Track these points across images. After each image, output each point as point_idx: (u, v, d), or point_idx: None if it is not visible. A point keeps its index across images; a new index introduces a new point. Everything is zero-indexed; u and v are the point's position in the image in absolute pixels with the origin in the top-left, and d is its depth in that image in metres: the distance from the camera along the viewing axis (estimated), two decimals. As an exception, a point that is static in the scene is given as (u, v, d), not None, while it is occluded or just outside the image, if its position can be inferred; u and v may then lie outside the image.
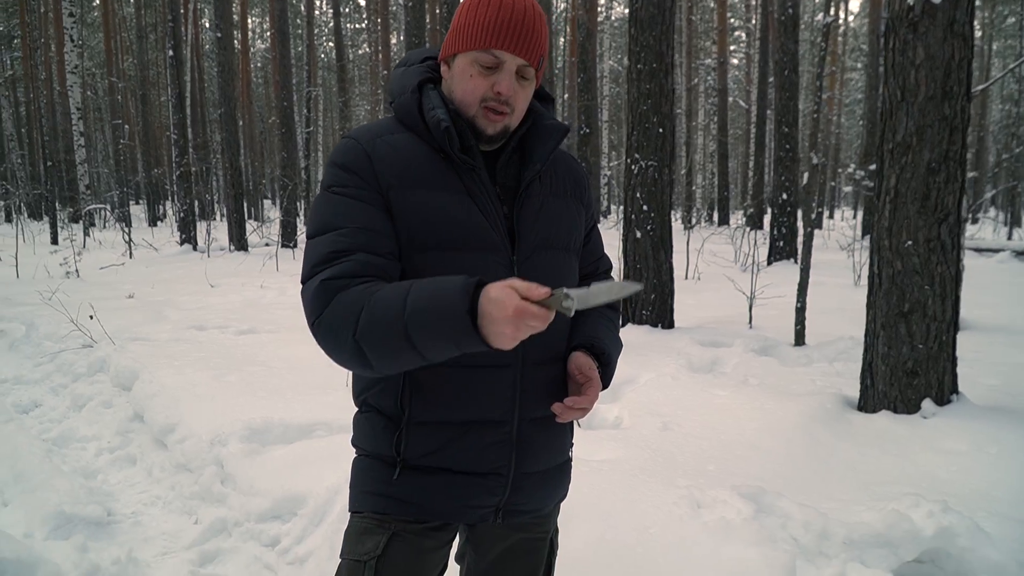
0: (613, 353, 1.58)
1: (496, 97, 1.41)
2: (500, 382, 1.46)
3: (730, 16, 37.02)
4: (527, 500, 1.57)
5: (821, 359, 5.72)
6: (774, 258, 12.34)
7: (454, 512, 1.51)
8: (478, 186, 1.44)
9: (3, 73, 34.26)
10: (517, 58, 1.41)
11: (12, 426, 4.58)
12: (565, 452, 1.66)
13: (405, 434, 1.47)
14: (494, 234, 1.43)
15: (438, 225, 1.40)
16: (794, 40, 12.31)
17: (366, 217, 1.38)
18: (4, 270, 12.02)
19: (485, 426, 1.48)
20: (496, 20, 1.38)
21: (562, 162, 1.63)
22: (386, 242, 1.39)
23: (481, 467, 1.49)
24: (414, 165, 1.42)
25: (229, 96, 16.58)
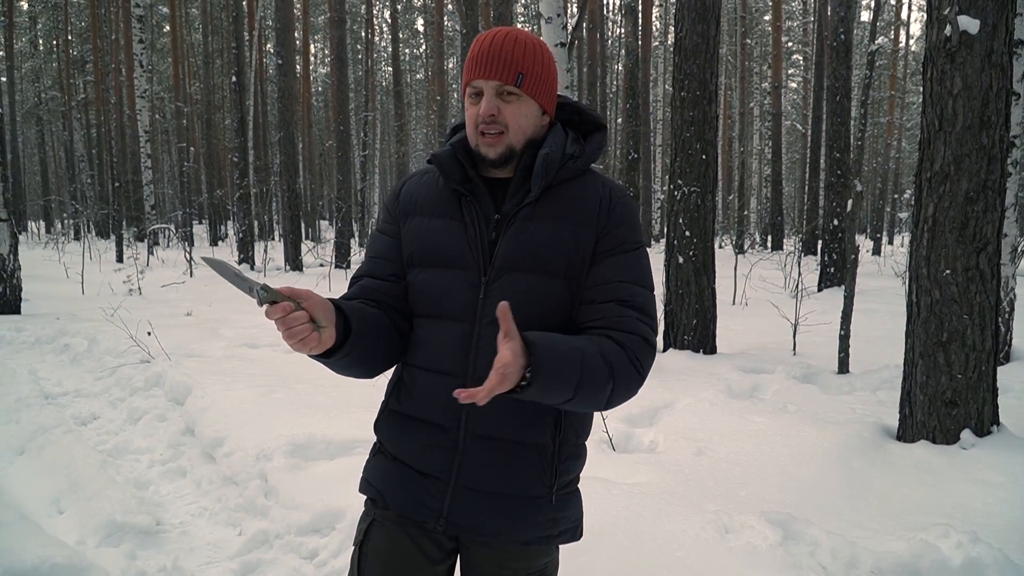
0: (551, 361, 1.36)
1: (483, 119, 1.55)
2: (447, 389, 1.42)
3: (787, 40, 36.76)
4: (472, 517, 1.58)
5: (864, 387, 5.66)
6: (825, 284, 12.19)
7: (400, 502, 1.62)
8: (472, 213, 1.59)
9: (76, 97, 35.70)
10: (490, 81, 1.55)
11: (70, 437, 4.78)
12: (531, 485, 1.58)
13: (382, 419, 1.69)
14: (470, 256, 1.57)
15: (424, 246, 1.62)
16: (846, 66, 12.22)
17: (379, 247, 1.71)
18: (71, 287, 12.50)
19: (431, 428, 1.59)
20: (472, 56, 1.57)
21: (580, 188, 1.61)
22: (387, 266, 1.68)
23: (424, 466, 1.60)
24: (424, 196, 1.67)
25: (288, 120, 17.06)
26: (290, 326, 1.34)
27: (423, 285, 1.62)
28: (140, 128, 22.66)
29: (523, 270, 1.55)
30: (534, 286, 1.55)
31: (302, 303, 1.37)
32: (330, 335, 1.41)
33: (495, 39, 1.56)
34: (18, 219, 33.39)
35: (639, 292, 1.56)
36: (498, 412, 1.52)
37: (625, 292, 1.54)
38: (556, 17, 6.58)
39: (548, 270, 1.55)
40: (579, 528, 1.72)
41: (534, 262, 1.55)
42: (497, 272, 1.56)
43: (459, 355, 1.55)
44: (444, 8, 29.91)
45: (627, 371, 1.48)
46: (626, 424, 4.70)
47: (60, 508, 3.91)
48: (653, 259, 10.47)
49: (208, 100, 31.26)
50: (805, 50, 34.50)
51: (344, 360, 1.51)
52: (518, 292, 1.53)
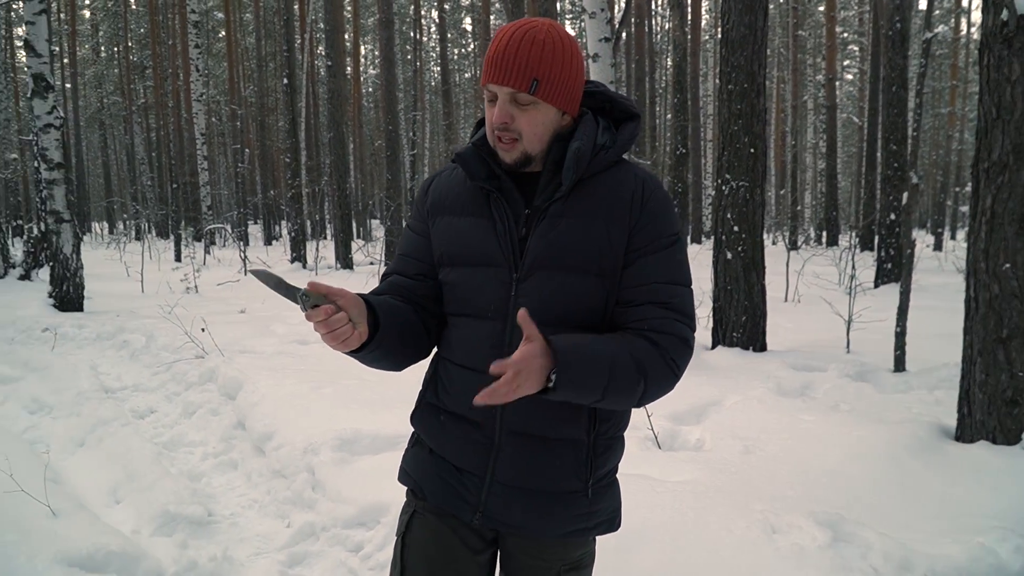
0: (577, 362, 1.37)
1: (496, 126, 1.52)
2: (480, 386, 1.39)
3: (842, 31, 35.99)
4: (508, 513, 1.58)
5: (921, 386, 5.52)
6: (881, 281, 11.91)
7: (438, 495, 1.63)
8: (500, 210, 1.57)
9: (136, 101, 36.66)
10: (503, 87, 1.49)
11: (128, 430, 4.92)
12: (567, 480, 1.58)
13: (417, 411, 1.70)
14: (500, 253, 1.55)
15: (455, 245, 1.61)
16: (903, 55, 11.90)
17: (408, 244, 1.71)
18: (131, 285, 12.83)
19: (468, 424, 1.59)
20: (488, 56, 1.51)
21: (611, 181, 1.56)
22: (416, 265, 1.68)
23: (461, 462, 1.61)
24: (451, 194, 1.66)
25: (338, 121, 17.28)
26: (332, 328, 1.39)
27: (455, 284, 1.61)
28: (197, 131, 23.21)
29: (554, 267, 1.52)
30: (565, 284, 1.52)
31: (339, 302, 1.41)
32: (363, 331, 1.46)
33: (511, 40, 1.47)
34: (82, 220, 34.49)
35: (677, 291, 1.53)
36: (532, 409, 1.52)
37: (664, 293, 1.52)
38: (600, 12, 6.54)
39: (579, 267, 1.52)
40: (616, 519, 1.70)
41: (565, 259, 1.52)
42: (528, 270, 1.53)
43: (492, 353, 1.47)
44: (491, 7, 29.96)
45: (660, 371, 1.47)
46: (672, 422, 4.66)
47: (117, 498, 4.03)
48: (703, 255, 10.40)
49: (262, 102, 31.85)
50: (861, 40, 33.76)
51: (373, 354, 1.53)
52: (549, 290, 1.52)
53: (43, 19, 9.39)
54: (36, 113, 9.43)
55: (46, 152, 9.43)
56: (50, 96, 9.45)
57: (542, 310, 1.46)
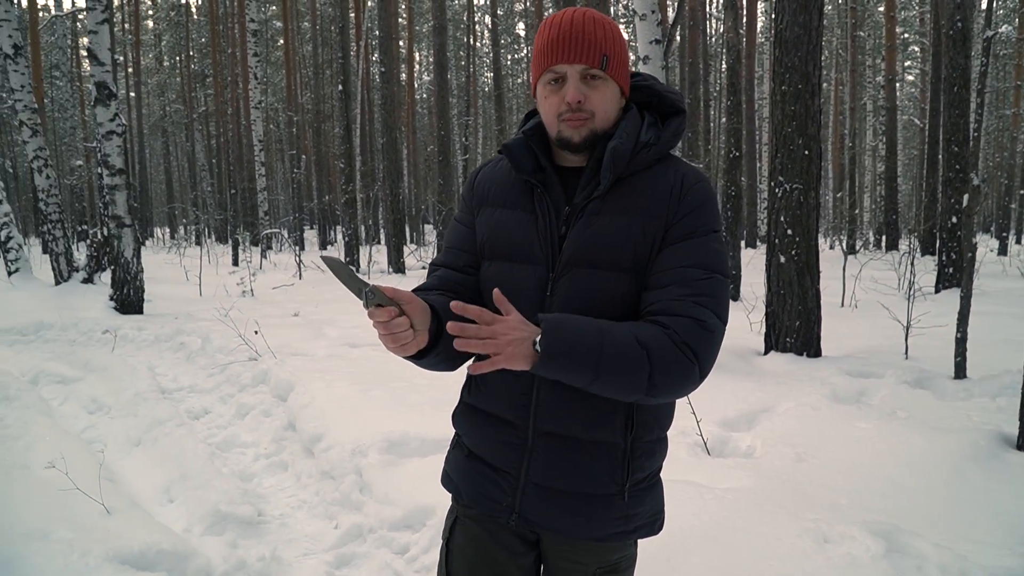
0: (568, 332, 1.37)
1: (567, 107, 1.50)
2: (515, 385, 1.57)
3: (903, 31, 35.17)
4: (543, 514, 1.57)
5: (982, 394, 5.34)
6: (943, 285, 11.58)
7: (474, 496, 1.64)
8: (543, 205, 1.57)
9: (197, 109, 37.59)
10: (575, 65, 1.49)
11: (183, 430, 5.02)
12: (602, 483, 1.56)
13: (458, 414, 1.72)
14: (539, 250, 1.55)
15: (496, 239, 1.62)
16: (964, 55, 11.56)
17: (456, 237, 1.71)
18: (189, 288, 13.14)
19: (501, 423, 1.61)
20: (548, 40, 1.51)
21: (652, 177, 1.54)
22: (464, 257, 1.69)
23: (497, 461, 1.61)
24: (497, 186, 1.66)
25: (391, 127, 17.46)
26: (392, 331, 1.40)
27: (492, 279, 1.60)
28: (255, 137, 23.67)
29: (588, 265, 1.52)
30: (599, 281, 1.51)
31: (404, 307, 1.42)
32: (423, 338, 1.47)
33: (574, 20, 1.49)
34: (144, 225, 35.51)
35: (702, 275, 1.47)
36: (566, 410, 1.53)
37: (687, 276, 1.47)
38: (651, 14, 6.49)
39: (613, 265, 1.51)
40: (657, 522, 1.67)
41: (599, 257, 1.51)
42: (563, 267, 1.53)
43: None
44: (543, 12, 29.99)
45: (670, 355, 1.40)
46: (722, 428, 4.58)
47: (170, 497, 4.11)
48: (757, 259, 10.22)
49: (318, 109, 32.34)
50: (923, 40, 32.94)
51: (432, 360, 1.55)
52: (582, 287, 1.52)
53: (105, 28, 9.68)
54: (99, 120, 9.71)
55: (108, 158, 9.71)
56: (112, 104, 9.73)
57: (575, 307, 1.50)
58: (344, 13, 19.22)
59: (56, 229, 11.95)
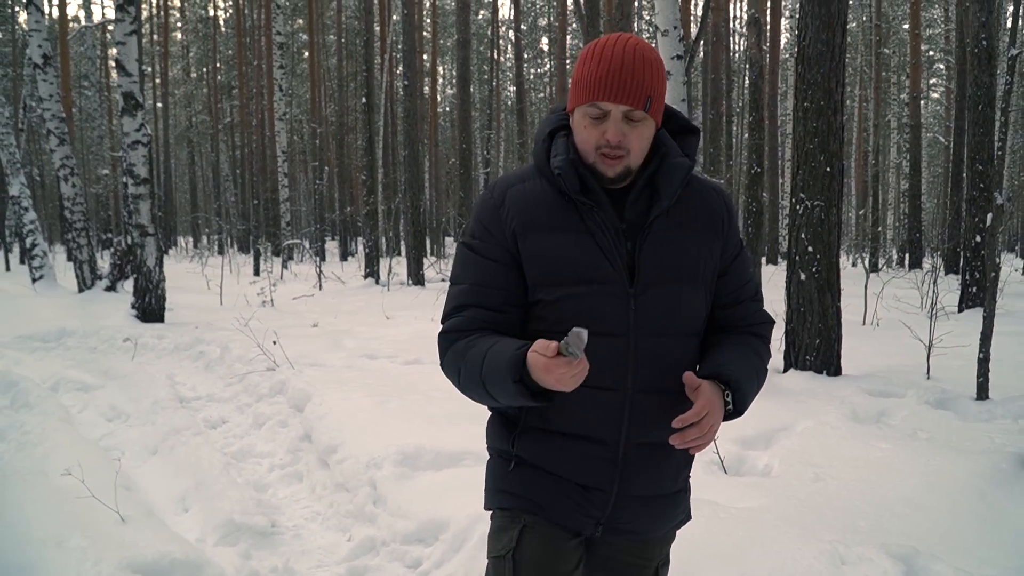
0: (742, 379, 1.60)
1: (607, 144, 1.53)
2: (606, 404, 1.57)
3: (928, 48, 34.96)
4: (631, 521, 1.65)
5: (1005, 415, 5.25)
6: (966, 305, 11.43)
7: (558, 512, 1.63)
8: (598, 224, 1.56)
9: (222, 120, 38.02)
10: (620, 105, 1.50)
11: (200, 439, 5.05)
12: (678, 481, 1.71)
13: (521, 434, 1.66)
14: (611, 269, 1.55)
15: (558, 263, 1.56)
16: (990, 73, 11.46)
17: (483, 273, 1.61)
18: (211, 298, 13.24)
19: (589, 442, 1.60)
20: (597, 74, 1.51)
21: (697, 195, 1.67)
22: (498, 295, 1.60)
23: (584, 479, 1.61)
24: (539, 210, 1.59)
25: (413, 140, 17.56)
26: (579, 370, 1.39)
27: (564, 303, 1.56)
28: (279, 148, 23.90)
29: (671, 281, 1.59)
30: (680, 295, 1.60)
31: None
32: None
33: (624, 57, 1.50)
34: (168, 234, 35.89)
35: (756, 284, 1.77)
36: (656, 418, 1.59)
37: (752, 289, 1.75)
38: (673, 30, 6.49)
39: (690, 279, 1.61)
40: (690, 510, 1.83)
41: (680, 272, 1.60)
42: (646, 284, 1.57)
43: (617, 370, 1.56)
44: (568, 27, 30.09)
45: (768, 352, 1.77)
46: (739, 446, 4.54)
47: (185, 506, 4.13)
48: (778, 276, 10.09)
49: (341, 121, 32.63)
50: (948, 59, 32.71)
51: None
52: (668, 303, 1.58)
53: (133, 40, 9.82)
54: (125, 130, 9.85)
55: (133, 168, 9.83)
56: (139, 114, 9.86)
57: (662, 322, 1.58)
58: (369, 27, 19.39)
59: (81, 237, 12.11)
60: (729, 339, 1.69)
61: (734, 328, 1.72)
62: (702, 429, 1.50)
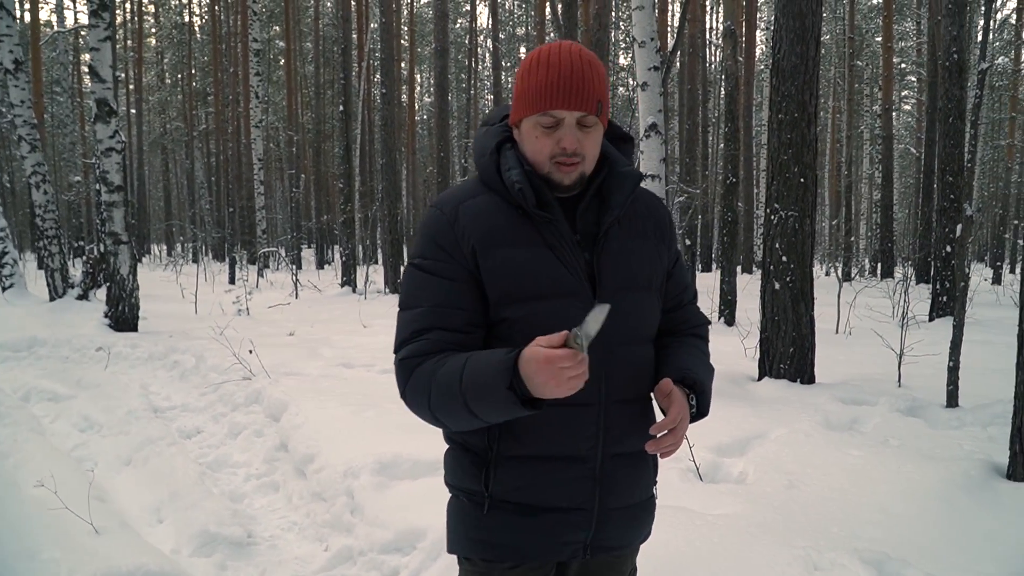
0: (705, 382, 1.62)
1: (563, 152, 1.50)
2: (583, 419, 1.54)
3: (900, 61, 35.48)
4: (613, 535, 1.63)
5: (974, 423, 5.34)
6: (937, 314, 11.61)
7: (545, 550, 1.58)
8: (557, 237, 1.53)
9: (197, 127, 37.75)
10: (574, 112, 1.49)
11: (174, 450, 5.00)
12: (650, 488, 1.71)
13: (493, 469, 1.55)
14: (574, 281, 1.52)
15: (521, 279, 1.51)
16: (960, 86, 11.69)
17: (442, 294, 1.52)
18: (185, 306, 13.12)
19: (569, 462, 1.56)
20: (547, 82, 1.48)
21: (642, 203, 1.69)
22: (460, 316, 1.52)
23: (566, 502, 1.56)
24: (495, 226, 1.53)
25: (391, 148, 17.54)
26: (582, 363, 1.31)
27: (525, 320, 1.51)
28: (254, 156, 23.76)
29: (630, 288, 1.59)
30: (639, 302, 1.61)
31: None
32: None
33: (573, 63, 1.49)
34: (141, 242, 35.50)
35: (693, 287, 1.82)
36: (627, 428, 1.60)
37: (691, 293, 1.80)
38: (650, 41, 6.55)
39: (648, 286, 1.63)
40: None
41: (637, 280, 1.61)
42: (608, 293, 1.54)
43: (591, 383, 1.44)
44: (545, 37, 30.23)
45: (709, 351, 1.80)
46: (715, 454, 4.58)
47: (160, 517, 4.09)
48: (753, 285, 10.22)
49: (318, 129, 32.52)
50: (919, 71, 33.24)
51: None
52: (628, 310, 1.57)
53: (107, 46, 9.74)
54: (99, 137, 9.75)
55: (107, 175, 9.74)
56: (112, 121, 9.77)
57: (627, 331, 1.57)
58: (347, 34, 19.37)
59: (52, 245, 11.96)
60: (679, 342, 1.70)
61: (677, 331, 1.74)
62: (676, 435, 1.50)
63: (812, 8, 6.22)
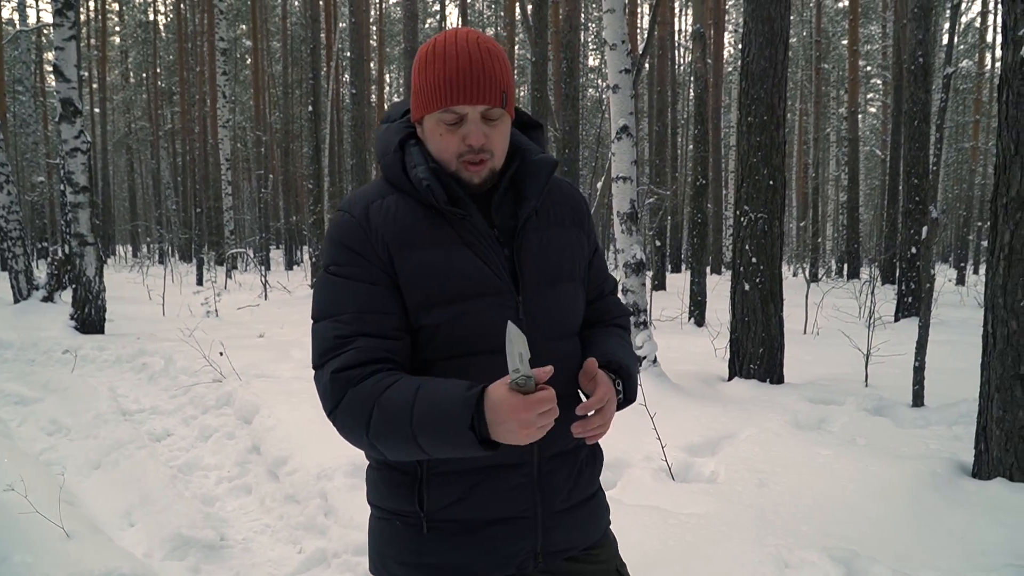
0: (631, 367, 1.56)
1: (470, 149, 1.42)
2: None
3: (866, 64, 36.01)
4: (564, 538, 1.54)
5: (939, 422, 5.45)
6: (902, 314, 11.82)
7: (492, 565, 1.48)
8: (473, 234, 1.45)
9: (163, 127, 37.28)
10: (477, 106, 1.40)
11: (144, 453, 4.95)
12: (594, 482, 1.64)
13: (425, 486, 1.46)
14: (497, 279, 1.45)
15: (442, 280, 1.42)
16: (925, 90, 11.91)
17: (365, 298, 1.42)
18: (152, 308, 12.97)
19: (504, 470, 1.46)
20: (445, 77, 1.39)
21: (558, 191, 1.62)
22: (387, 321, 1.42)
23: (507, 512, 1.46)
24: (408, 226, 1.44)
25: (361, 148, 17.49)
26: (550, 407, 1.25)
27: (448, 324, 1.43)
28: (222, 156, 23.54)
29: (553, 281, 1.53)
30: (563, 295, 1.55)
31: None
32: None
33: (471, 54, 1.40)
34: (106, 243, 34.98)
35: (613, 278, 1.79)
36: (561, 424, 1.48)
37: (612, 283, 1.77)
38: (621, 44, 6.60)
39: (571, 277, 1.58)
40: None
41: (560, 272, 1.55)
42: (531, 289, 1.49)
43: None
44: (515, 37, 30.27)
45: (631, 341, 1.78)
46: (687, 453, 4.63)
47: (131, 521, 4.05)
48: (723, 286, 10.38)
49: (287, 129, 32.28)
50: (884, 74, 33.77)
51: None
52: (554, 305, 1.53)
53: (72, 45, 9.60)
54: (63, 137, 9.61)
55: (72, 176, 9.60)
56: (77, 121, 9.64)
57: (552, 326, 1.51)
58: (315, 34, 19.25)
59: (16, 246, 11.77)
60: (602, 331, 1.65)
61: (600, 321, 1.68)
62: (604, 416, 1.42)
63: (780, 12, 6.31)
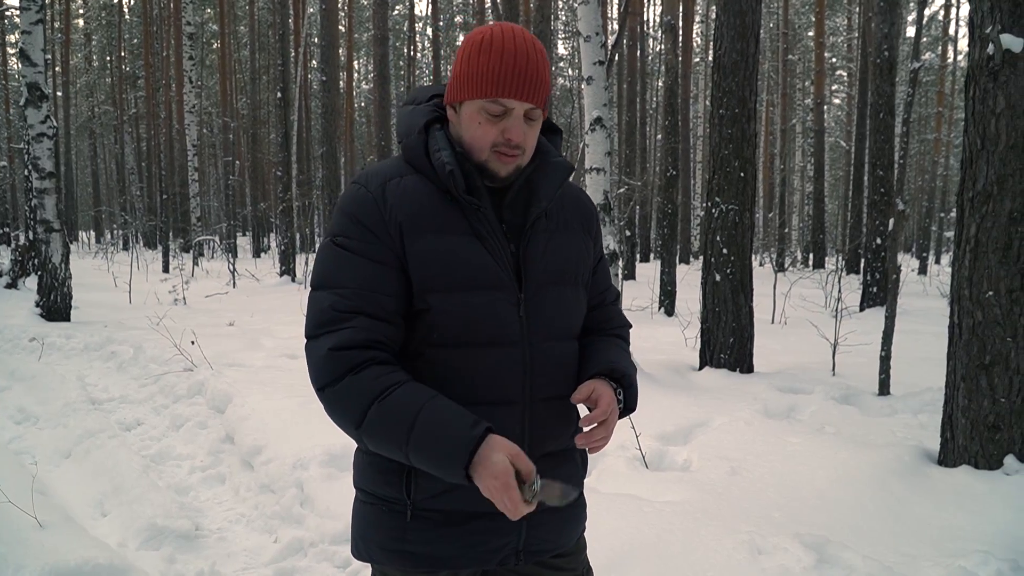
0: (633, 376, 1.57)
1: (507, 143, 1.43)
2: (507, 419, 1.45)
3: (831, 56, 36.41)
4: (545, 538, 1.56)
5: (905, 410, 5.57)
6: (867, 304, 12.02)
7: (474, 559, 1.49)
8: (484, 226, 1.45)
9: (127, 111, 36.63)
10: (524, 103, 1.42)
11: (115, 442, 4.90)
12: (579, 485, 1.64)
13: (415, 474, 1.45)
14: (501, 273, 1.45)
15: (447, 267, 1.42)
16: (890, 83, 12.09)
17: (369, 276, 1.41)
18: (119, 295, 12.79)
19: None
20: (500, 69, 1.39)
21: (569, 196, 1.63)
22: (387, 303, 1.41)
23: (492, 506, 1.40)
24: (422, 209, 1.44)
25: (331, 135, 17.35)
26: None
27: (455, 311, 1.43)
28: (188, 142, 23.26)
29: (556, 283, 1.54)
30: (565, 297, 1.56)
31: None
32: None
33: (528, 52, 1.41)
34: (70, 229, 34.32)
35: (615, 287, 1.80)
36: (553, 427, 1.54)
37: (613, 292, 1.76)
38: (595, 36, 6.62)
39: (574, 280, 1.59)
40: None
41: (564, 274, 1.56)
42: (533, 287, 1.49)
43: (515, 381, 1.46)
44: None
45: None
46: (659, 442, 4.69)
47: (103, 511, 4.02)
48: (692, 275, 10.53)
49: (254, 115, 31.85)
50: (849, 66, 34.15)
51: None
52: (555, 306, 1.53)
53: (39, 29, 9.41)
54: (29, 122, 9.43)
55: (38, 161, 9.43)
56: (44, 105, 9.46)
57: (552, 327, 1.52)
58: (284, 20, 19.02)
59: (-22, 232, 11.52)
60: (604, 340, 1.64)
61: (599, 330, 1.67)
62: (607, 428, 1.44)
63: (752, 6, 6.38)
